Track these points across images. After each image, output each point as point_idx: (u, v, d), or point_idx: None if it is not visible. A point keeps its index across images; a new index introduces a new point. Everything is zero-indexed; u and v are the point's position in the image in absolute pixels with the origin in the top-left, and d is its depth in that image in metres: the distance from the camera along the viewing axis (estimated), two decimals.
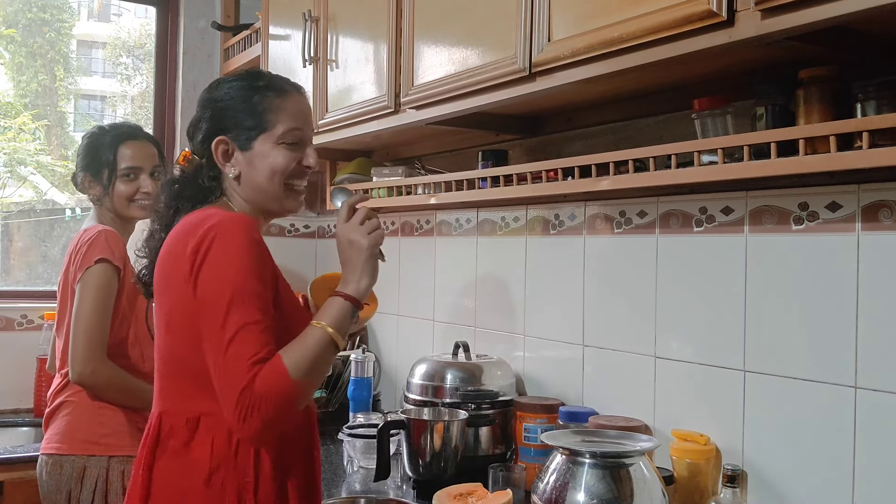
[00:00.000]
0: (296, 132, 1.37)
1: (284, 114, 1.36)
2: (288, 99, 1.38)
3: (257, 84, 1.37)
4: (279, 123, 1.35)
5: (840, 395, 1.34)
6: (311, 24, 2.23)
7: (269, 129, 1.35)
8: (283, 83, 1.40)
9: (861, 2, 0.98)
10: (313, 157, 1.39)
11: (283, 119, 1.36)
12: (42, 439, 1.94)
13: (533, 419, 1.81)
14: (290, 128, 1.36)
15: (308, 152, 1.39)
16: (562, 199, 1.92)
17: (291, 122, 1.36)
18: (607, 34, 1.29)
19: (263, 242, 1.29)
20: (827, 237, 1.38)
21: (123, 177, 2.01)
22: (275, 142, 1.35)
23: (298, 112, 1.39)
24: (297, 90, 1.41)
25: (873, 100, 1.20)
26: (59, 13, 4.77)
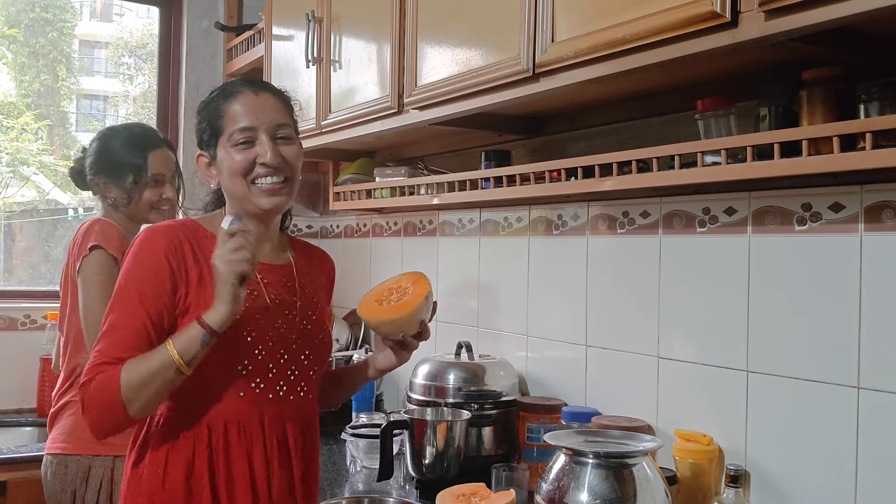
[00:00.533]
0: (243, 131, 1.36)
1: (229, 116, 1.38)
2: (234, 100, 1.38)
3: (214, 94, 1.42)
4: (227, 126, 1.37)
5: (843, 396, 1.34)
6: (315, 24, 2.24)
7: (222, 134, 1.38)
8: (235, 85, 1.41)
9: (865, 3, 0.98)
10: (269, 154, 1.36)
11: (230, 121, 1.37)
12: (45, 439, 1.94)
13: (536, 419, 1.81)
14: (236, 128, 1.36)
15: (262, 149, 1.36)
16: (565, 200, 1.92)
17: (237, 121, 1.37)
18: (611, 35, 1.29)
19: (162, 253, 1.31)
20: (830, 238, 1.38)
21: (151, 183, 2.04)
22: (227, 145, 1.37)
23: (246, 111, 1.38)
24: (250, 88, 1.41)
25: (877, 101, 1.20)
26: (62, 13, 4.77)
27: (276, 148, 1.38)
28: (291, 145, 1.41)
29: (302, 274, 1.48)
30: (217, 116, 1.39)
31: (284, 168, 1.38)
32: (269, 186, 1.37)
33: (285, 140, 1.40)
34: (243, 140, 1.36)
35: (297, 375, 1.41)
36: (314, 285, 1.51)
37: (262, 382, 1.36)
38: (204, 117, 1.42)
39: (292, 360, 1.40)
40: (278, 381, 1.38)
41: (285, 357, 1.39)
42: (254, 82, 1.44)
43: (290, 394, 1.40)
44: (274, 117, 1.39)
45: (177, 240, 1.35)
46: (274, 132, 1.39)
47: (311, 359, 1.43)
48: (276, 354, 1.37)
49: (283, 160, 1.38)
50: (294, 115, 1.47)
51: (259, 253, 1.36)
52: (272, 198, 1.38)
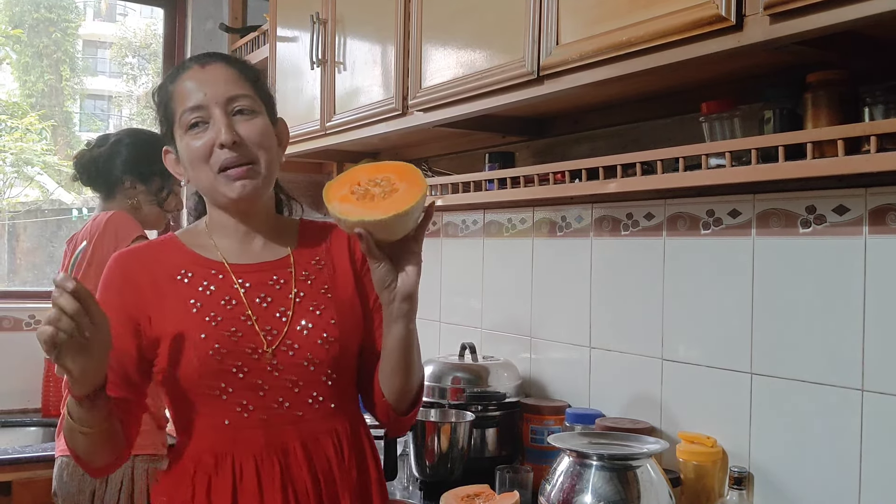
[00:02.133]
0: (193, 111, 1.18)
1: (177, 96, 1.20)
2: (181, 77, 1.21)
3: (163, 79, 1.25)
4: (176, 111, 1.20)
5: (847, 398, 1.34)
6: (319, 26, 2.24)
7: (175, 122, 1.21)
8: (181, 64, 1.24)
9: (869, 7, 0.98)
10: (223, 132, 1.16)
11: (178, 103, 1.20)
12: (50, 439, 1.94)
13: (540, 421, 1.81)
14: (185, 108, 1.18)
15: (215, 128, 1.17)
16: (569, 202, 1.92)
17: (185, 101, 1.19)
18: (616, 38, 1.29)
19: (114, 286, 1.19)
20: (834, 240, 1.38)
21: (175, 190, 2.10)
22: (182, 131, 1.20)
23: (194, 86, 1.18)
24: (197, 61, 1.22)
25: (881, 104, 1.20)
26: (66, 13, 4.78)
27: (231, 124, 1.17)
28: (252, 120, 1.19)
29: (306, 263, 1.27)
30: (168, 101, 1.22)
31: (246, 149, 1.18)
32: (233, 172, 1.17)
33: (245, 115, 1.19)
34: (194, 121, 1.18)
35: (303, 386, 1.20)
36: (331, 270, 1.28)
37: (251, 404, 1.17)
38: (158, 106, 1.24)
39: (291, 369, 1.19)
40: (274, 398, 1.18)
41: (280, 368, 1.18)
42: (203, 55, 1.24)
43: (296, 409, 1.19)
44: (226, 89, 1.19)
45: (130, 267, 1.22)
46: (227, 106, 1.18)
47: (317, 363, 1.20)
48: (265, 369, 1.18)
49: (241, 139, 1.17)
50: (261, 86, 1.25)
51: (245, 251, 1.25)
52: (235, 184, 1.17)
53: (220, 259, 1.23)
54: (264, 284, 1.23)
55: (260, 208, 1.26)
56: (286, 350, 1.19)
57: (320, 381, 1.21)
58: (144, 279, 1.21)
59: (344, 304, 1.26)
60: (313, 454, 1.20)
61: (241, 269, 1.23)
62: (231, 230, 1.26)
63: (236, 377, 1.16)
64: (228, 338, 1.17)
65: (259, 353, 1.18)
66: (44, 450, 2.19)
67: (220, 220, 1.26)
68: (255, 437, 1.17)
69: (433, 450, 1.75)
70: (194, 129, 1.18)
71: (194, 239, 1.27)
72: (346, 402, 1.26)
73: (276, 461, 1.17)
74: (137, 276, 1.21)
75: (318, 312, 1.23)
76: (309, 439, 1.20)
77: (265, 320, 1.20)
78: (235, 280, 1.22)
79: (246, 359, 1.17)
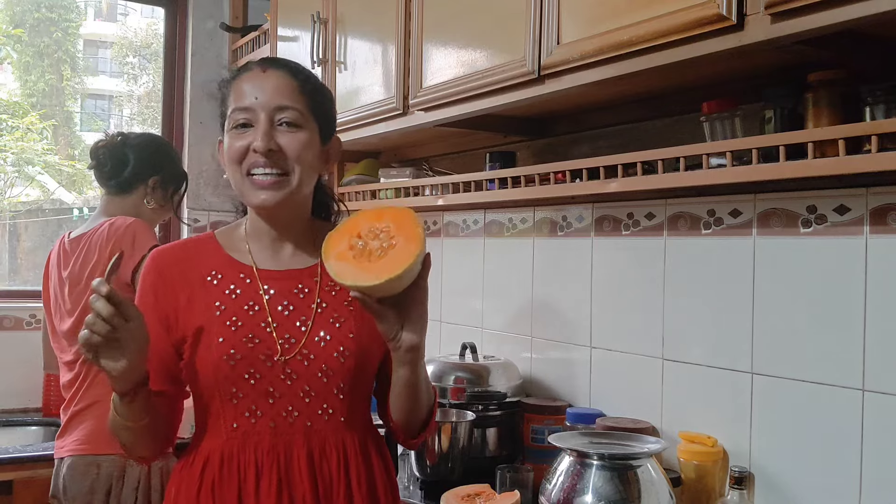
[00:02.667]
0: (240, 112, 1.20)
1: (233, 95, 1.23)
2: (241, 77, 1.23)
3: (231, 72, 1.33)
4: (229, 107, 1.23)
5: (848, 398, 1.34)
6: (320, 25, 2.24)
7: (227, 116, 1.24)
8: (248, 63, 1.27)
9: (870, 6, 0.99)
10: (259, 140, 1.17)
11: (231, 101, 1.23)
12: (51, 438, 1.94)
13: (540, 420, 1.81)
14: (233, 108, 1.21)
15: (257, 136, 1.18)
16: (569, 201, 1.92)
17: (235, 102, 1.21)
18: (616, 37, 1.30)
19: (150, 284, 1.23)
20: (835, 240, 1.38)
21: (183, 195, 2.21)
22: (228, 127, 1.22)
23: (249, 89, 1.20)
24: (260, 64, 1.24)
25: (882, 104, 1.20)
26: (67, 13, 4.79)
27: (271, 133, 1.18)
28: (295, 133, 1.20)
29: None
30: (225, 96, 1.25)
31: (280, 159, 1.19)
32: (260, 179, 1.19)
33: (289, 127, 1.20)
34: (241, 122, 1.20)
35: (314, 397, 1.20)
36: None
37: (259, 410, 1.18)
38: (220, 99, 1.28)
39: (305, 379, 1.19)
40: (284, 406, 1.19)
41: (294, 377, 1.19)
42: (269, 59, 1.26)
43: (306, 419, 1.19)
44: (276, 98, 1.20)
45: (166, 265, 1.25)
46: (274, 115, 1.19)
47: (330, 374, 1.20)
48: (278, 377, 1.19)
49: (280, 149, 1.18)
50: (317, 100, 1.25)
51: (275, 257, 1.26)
52: (262, 192, 1.19)
53: (249, 263, 1.25)
54: (289, 292, 1.24)
55: (290, 215, 1.26)
56: (301, 360, 1.20)
57: (332, 393, 1.21)
58: (178, 278, 1.24)
59: (365, 319, 1.23)
60: (317, 465, 1.20)
61: (268, 276, 1.25)
62: (263, 234, 1.27)
63: (248, 383, 1.18)
64: (245, 343, 1.18)
65: (273, 361, 1.19)
66: (45, 449, 2.19)
67: (255, 223, 1.28)
68: (260, 442, 1.18)
69: (434, 449, 1.76)
70: (239, 129, 1.20)
71: (231, 241, 1.29)
72: (357, 417, 1.25)
73: (276, 468, 1.18)
74: (172, 274, 1.24)
75: (337, 325, 1.23)
76: (315, 450, 1.20)
77: (285, 328, 1.21)
78: (261, 286, 1.23)
79: (259, 365, 1.18)
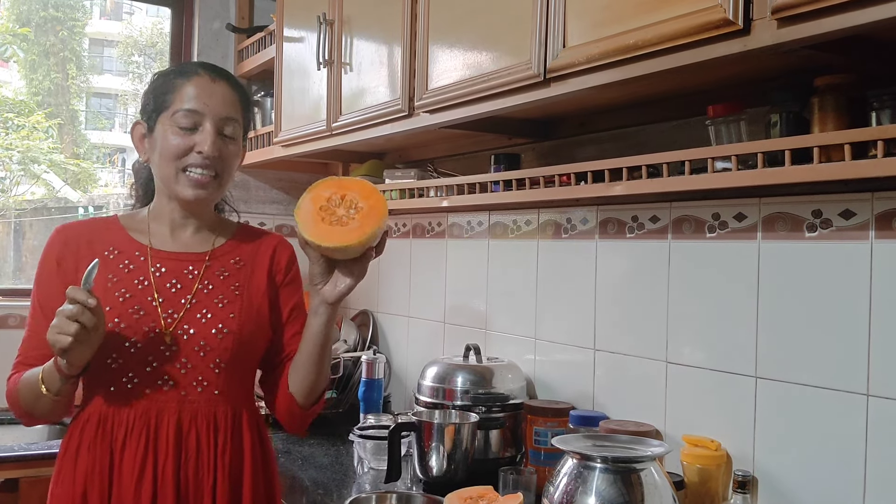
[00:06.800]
0: (189, 114, 1.32)
1: (180, 93, 1.33)
2: (189, 80, 1.34)
3: (171, 68, 1.41)
4: (176, 102, 1.33)
5: (852, 403, 1.34)
6: (326, 26, 2.25)
7: (166, 110, 1.34)
8: (195, 65, 1.39)
9: (877, 12, 0.98)
10: (208, 144, 1.31)
11: (178, 99, 1.33)
12: (57, 437, 1.94)
13: (544, 423, 1.81)
14: (182, 108, 1.32)
15: (202, 138, 1.32)
16: (574, 204, 1.92)
17: (186, 102, 1.32)
18: (623, 41, 1.30)
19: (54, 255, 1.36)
20: (840, 245, 1.38)
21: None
22: (168, 122, 1.33)
23: (198, 94, 1.33)
24: (209, 72, 1.36)
25: (888, 108, 1.20)
26: (72, 12, 4.80)
27: (218, 141, 1.33)
28: (232, 145, 1.37)
29: (226, 261, 1.43)
30: (167, 90, 1.35)
31: (218, 164, 1.35)
32: (197, 177, 1.34)
33: (228, 138, 1.36)
34: (187, 124, 1.32)
35: (191, 369, 1.34)
36: (248, 273, 1.43)
37: (136, 377, 1.32)
38: (153, 87, 1.37)
39: (184, 352, 1.33)
40: (160, 375, 1.32)
41: (173, 349, 1.33)
42: (215, 68, 1.39)
43: (180, 389, 1.33)
44: (225, 110, 1.35)
45: (71, 239, 1.37)
46: (220, 125, 1.35)
47: (208, 350, 1.34)
48: (158, 347, 1.32)
49: (220, 156, 1.34)
50: (248, 115, 1.43)
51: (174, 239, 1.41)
52: (197, 189, 1.34)
53: (146, 244, 1.40)
54: (178, 272, 1.38)
55: (204, 209, 1.43)
56: (182, 333, 1.34)
57: (208, 367, 1.35)
58: (81, 251, 1.36)
59: (251, 305, 1.41)
60: (185, 433, 1.33)
61: (162, 256, 1.39)
62: (166, 219, 1.42)
63: (128, 351, 1.31)
64: (131, 315, 1.32)
65: (156, 333, 1.33)
66: (50, 447, 2.19)
67: (161, 208, 1.42)
68: (134, 406, 1.32)
69: (437, 451, 1.76)
70: (182, 129, 1.33)
71: (133, 223, 1.43)
72: (232, 392, 1.39)
73: (145, 432, 1.31)
74: (77, 248, 1.37)
75: (220, 305, 1.38)
76: (185, 419, 1.34)
77: (169, 304, 1.35)
78: (152, 264, 1.37)
79: (142, 336, 1.32)
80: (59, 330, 1.16)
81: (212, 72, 1.37)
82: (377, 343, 2.73)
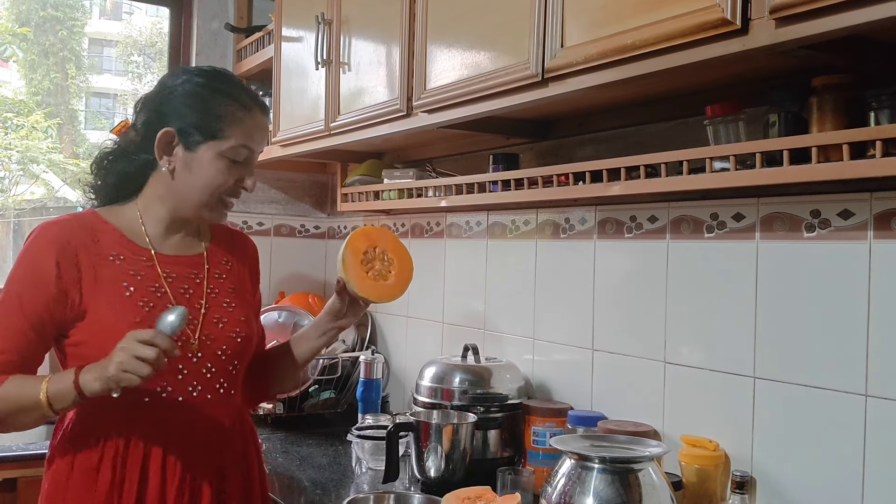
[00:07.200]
0: (244, 151, 1.34)
1: (240, 128, 1.33)
2: (249, 115, 1.35)
3: (221, 87, 1.35)
4: (231, 137, 1.32)
5: (850, 403, 1.34)
6: (324, 26, 2.24)
7: (218, 138, 1.32)
8: (247, 96, 1.37)
9: (875, 12, 0.98)
10: (252, 181, 1.37)
11: (237, 133, 1.32)
12: None
13: (542, 423, 1.81)
14: (241, 144, 1.33)
15: (248, 172, 1.36)
16: (572, 204, 1.92)
17: (243, 138, 1.33)
18: (620, 41, 1.29)
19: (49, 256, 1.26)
20: (839, 245, 1.37)
21: None
22: (219, 153, 1.32)
23: (254, 130, 1.35)
24: (259, 108, 1.38)
25: (887, 109, 1.19)
26: (72, 11, 4.80)
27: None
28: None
29: (218, 263, 1.44)
30: (221, 117, 1.32)
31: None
32: (229, 204, 1.38)
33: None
34: (240, 159, 1.34)
35: (214, 373, 1.36)
36: (237, 273, 1.47)
37: (169, 385, 1.31)
38: (202, 105, 1.33)
39: (207, 357, 1.35)
40: (190, 381, 1.33)
41: (199, 355, 1.34)
42: (261, 102, 1.40)
43: (206, 392, 1.35)
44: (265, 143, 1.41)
45: (67, 240, 1.29)
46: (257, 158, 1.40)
47: (228, 353, 1.37)
48: (186, 355, 1.32)
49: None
50: None
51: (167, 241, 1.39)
52: (224, 213, 1.40)
53: (146, 247, 1.36)
54: (186, 277, 1.38)
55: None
56: (205, 339, 1.35)
57: (227, 369, 1.38)
58: (81, 253, 1.29)
59: (248, 305, 1.47)
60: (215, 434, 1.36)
61: (168, 261, 1.37)
62: (161, 220, 1.38)
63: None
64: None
65: (183, 341, 1.31)
66: (48, 447, 2.19)
67: (154, 208, 1.38)
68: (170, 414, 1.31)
69: (435, 451, 1.75)
70: (235, 163, 1.33)
71: (123, 222, 1.37)
72: (239, 391, 1.44)
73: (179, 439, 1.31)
74: (74, 249, 1.29)
75: (230, 309, 1.41)
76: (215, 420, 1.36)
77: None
78: (161, 270, 1.35)
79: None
80: (130, 369, 1.14)
81: (262, 108, 1.39)
82: (375, 343, 2.73)
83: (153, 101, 1.37)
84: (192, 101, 1.33)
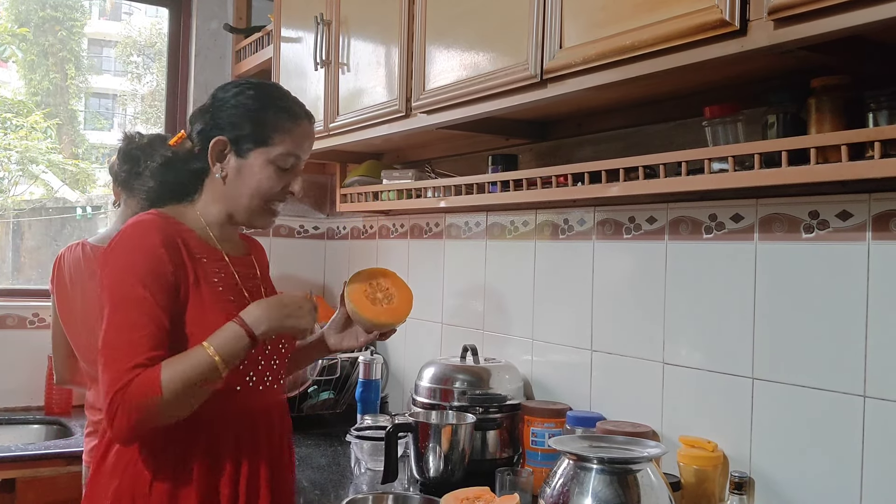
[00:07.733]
0: (291, 158, 1.40)
1: (289, 137, 1.39)
2: (297, 124, 1.41)
3: (275, 101, 1.41)
4: (280, 144, 1.39)
5: (849, 404, 1.34)
6: (323, 27, 2.24)
7: (267, 146, 1.39)
8: (298, 108, 1.44)
9: (873, 13, 0.98)
10: (299, 186, 1.43)
11: (286, 141, 1.39)
12: (54, 437, 1.94)
13: (540, 423, 1.81)
14: (288, 152, 1.40)
15: (295, 179, 1.43)
16: (571, 204, 1.92)
17: (291, 146, 1.40)
18: (619, 42, 1.29)
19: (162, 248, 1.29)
20: (837, 246, 1.38)
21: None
22: (268, 159, 1.39)
23: (301, 140, 1.42)
24: (307, 118, 1.45)
25: (885, 110, 1.20)
26: (71, 12, 4.80)
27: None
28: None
29: (258, 264, 1.53)
30: (272, 126, 1.38)
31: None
32: (278, 211, 1.44)
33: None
34: (288, 166, 1.40)
35: (277, 364, 1.45)
36: (265, 273, 1.57)
37: (255, 375, 1.40)
38: (253, 114, 1.38)
39: (274, 349, 1.44)
40: (266, 371, 1.42)
41: (268, 347, 1.42)
42: (308, 114, 1.46)
43: (274, 382, 1.44)
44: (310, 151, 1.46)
45: (169, 235, 1.33)
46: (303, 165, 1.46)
47: (286, 345, 1.48)
48: (263, 348, 1.41)
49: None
50: None
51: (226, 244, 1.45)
52: (273, 220, 1.46)
53: (217, 247, 1.42)
54: (249, 277, 1.46)
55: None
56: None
57: (284, 360, 1.49)
58: (183, 250, 1.34)
59: None
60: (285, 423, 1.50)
61: (236, 262, 1.44)
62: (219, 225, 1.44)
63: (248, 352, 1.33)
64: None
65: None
66: (47, 448, 2.20)
67: (212, 212, 1.44)
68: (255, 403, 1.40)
69: (434, 452, 1.76)
70: (284, 171, 1.40)
71: (194, 224, 1.42)
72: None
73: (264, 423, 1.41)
74: (177, 245, 1.34)
75: None
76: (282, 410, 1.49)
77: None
78: (235, 269, 1.43)
79: None
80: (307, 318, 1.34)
81: (309, 117, 1.45)
82: (374, 344, 2.73)
83: (207, 112, 1.43)
84: (243, 111, 1.39)
